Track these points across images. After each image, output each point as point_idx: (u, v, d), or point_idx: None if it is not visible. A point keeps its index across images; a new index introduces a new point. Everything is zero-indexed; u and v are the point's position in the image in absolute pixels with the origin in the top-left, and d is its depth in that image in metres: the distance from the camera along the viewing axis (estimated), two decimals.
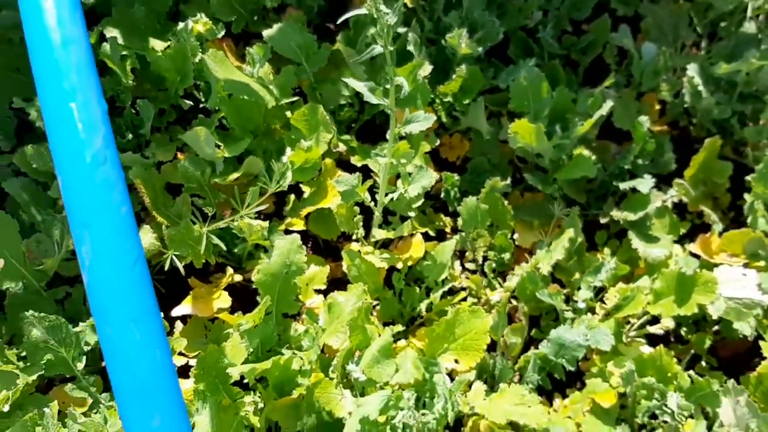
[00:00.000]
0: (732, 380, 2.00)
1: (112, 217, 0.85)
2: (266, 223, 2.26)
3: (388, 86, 2.01)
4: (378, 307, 2.41)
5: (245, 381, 2.14)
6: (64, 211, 2.24)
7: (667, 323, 2.31)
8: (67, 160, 0.97)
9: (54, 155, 1.02)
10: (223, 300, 2.31)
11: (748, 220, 2.35)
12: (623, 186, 2.43)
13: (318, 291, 2.39)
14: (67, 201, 0.93)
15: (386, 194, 2.35)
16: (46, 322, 1.94)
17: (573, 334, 2.14)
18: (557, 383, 2.29)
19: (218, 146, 2.35)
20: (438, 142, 2.56)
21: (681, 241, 2.48)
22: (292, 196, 2.53)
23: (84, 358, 2.02)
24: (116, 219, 0.86)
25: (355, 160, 2.51)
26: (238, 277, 2.44)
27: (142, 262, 0.85)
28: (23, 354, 2.03)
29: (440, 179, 2.61)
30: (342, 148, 2.55)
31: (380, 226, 2.43)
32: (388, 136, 2.12)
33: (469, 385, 2.18)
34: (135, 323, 0.80)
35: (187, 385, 2.14)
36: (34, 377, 1.94)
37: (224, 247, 2.30)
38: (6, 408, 1.84)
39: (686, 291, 2.18)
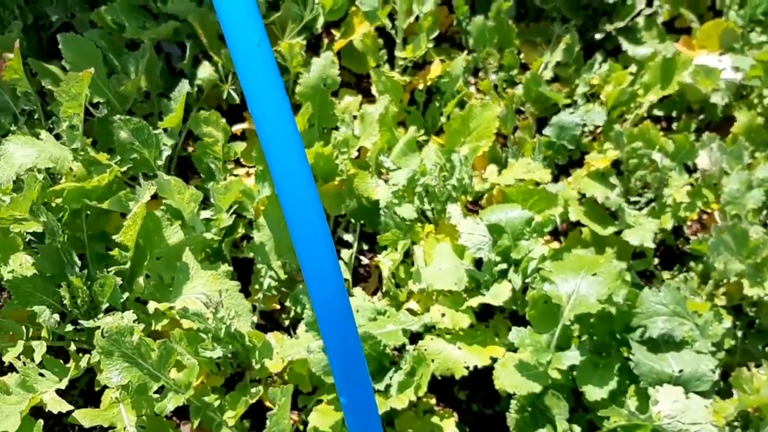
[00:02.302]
0: (706, 132, 2.34)
1: None
2: (304, 42, 2.65)
3: None
4: (405, 123, 2.79)
5: None
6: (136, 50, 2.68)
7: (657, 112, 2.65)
8: None
9: None
10: None
11: (723, 16, 2.66)
12: None
13: (354, 118, 2.79)
14: None
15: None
16: (131, 124, 2.37)
17: (572, 117, 2.51)
18: (562, 170, 2.65)
19: None
20: None
21: None
22: (326, 40, 2.93)
23: (163, 157, 2.44)
24: None
25: None
26: None
27: None
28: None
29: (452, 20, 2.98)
30: None
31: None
32: None
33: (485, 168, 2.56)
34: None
35: (249, 181, 2.56)
36: (124, 168, 2.38)
37: None
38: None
39: (668, 73, 2.51)
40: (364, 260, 2.67)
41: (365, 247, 2.68)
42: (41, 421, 1.93)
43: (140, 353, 1.96)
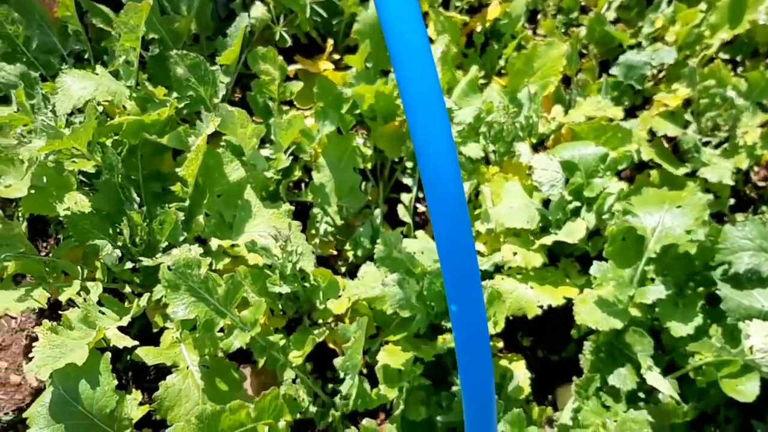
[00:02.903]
0: None
1: None
2: None
3: None
4: (463, 66, 2.70)
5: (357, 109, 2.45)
6: None
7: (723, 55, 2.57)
8: None
9: None
10: (327, 63, 2.66)
11: None
12: None
13: None
14: None
15: None
16: (188, 60, 2.29)
17: (640, 56, 2.42)
18: (626, 114, 2.57)
19: None
20: None
21: None
22: None
23: (219, 95, 2.36)
24: None
25: None
26: (336, 56, 2.77)
27: None
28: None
29: None
30: None
31: None
32: None
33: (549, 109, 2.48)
34: None
35: (309, 121, 2.48)
36: (181, 105, 2.31)
37: (325, 15, 2.63)
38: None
39: (738, 12, 2.42)
40: (420, 208, 2.59)
41: (421, 195, 2.60)
42: (108, 354, 1.86)
43: (207, 288, 1.89)
